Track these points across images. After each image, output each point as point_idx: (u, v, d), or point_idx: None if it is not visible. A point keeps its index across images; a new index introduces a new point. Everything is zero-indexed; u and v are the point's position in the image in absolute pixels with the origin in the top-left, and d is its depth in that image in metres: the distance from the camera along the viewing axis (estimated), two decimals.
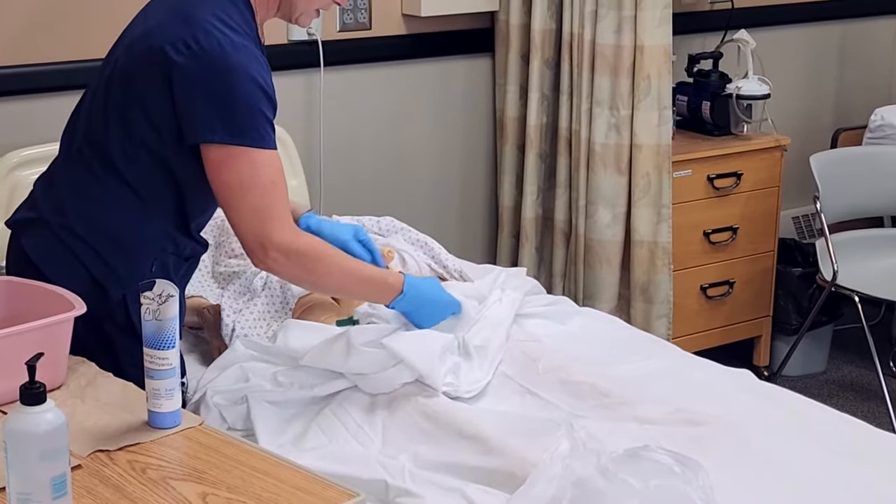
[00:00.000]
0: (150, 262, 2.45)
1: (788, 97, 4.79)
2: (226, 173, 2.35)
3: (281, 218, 2.38)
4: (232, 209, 2.37)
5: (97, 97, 2.46)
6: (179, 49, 2.32)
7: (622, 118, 3.87)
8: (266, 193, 2.35)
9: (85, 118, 2.47)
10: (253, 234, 2.37)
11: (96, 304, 2.36)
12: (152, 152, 2.40)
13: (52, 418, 1.72)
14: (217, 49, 2.31)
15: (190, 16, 2.36)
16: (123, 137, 2.40)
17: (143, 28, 2.44)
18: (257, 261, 2.40)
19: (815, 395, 4.20)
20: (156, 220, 2.45)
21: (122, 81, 2.41)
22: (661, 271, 3.94)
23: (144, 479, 1.88)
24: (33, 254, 2.45)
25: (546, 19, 4.01)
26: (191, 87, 2.32)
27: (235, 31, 2.36)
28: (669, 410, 2.47)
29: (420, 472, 2.27)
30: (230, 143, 2.33)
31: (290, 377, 2.54)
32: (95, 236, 2.42)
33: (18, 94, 3.34)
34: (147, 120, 2.38)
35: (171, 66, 2.32)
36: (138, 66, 2.38)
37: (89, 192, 2.43)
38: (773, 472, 2.29)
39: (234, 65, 2.31)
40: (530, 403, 2.56)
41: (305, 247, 2.41)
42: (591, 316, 3.04)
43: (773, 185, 4.35)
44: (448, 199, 4.20)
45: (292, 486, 1.87)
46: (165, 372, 2.02)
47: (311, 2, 2.51)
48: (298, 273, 2.44)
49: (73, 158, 2.47)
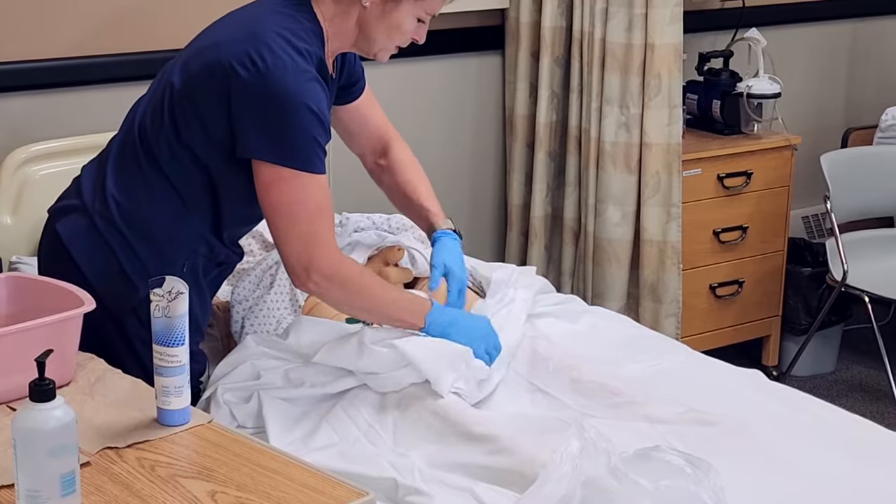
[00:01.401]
0: (181, 261, 2.49)
1: (799, 96, 4.78)
2: (275, 194, 2.39)
3: (326, 243, 2.44)
4: (279, 231, 2.43)
5: (156, 97, 2.50)
6: (244, 63, 2.36)
7: (632, 116, 3.86)
8: (313, 218, 2.41)
9: (140, 115, 2.52)
10: (297, 258, 2.42)
11: (122, 296, 2.43)
12: (196, 157, 2.45)
13: (61, 415, 1.72)
14: (279, 71, 2.35)
15: (258, 31, 2.39)
16: (172, 139, 2.45)
17: (213, 38, 2.48)
18: (299, 283, 2.46)
19: (825, 395, 4.18)
20: (193, 222, 2.49)
21: (184, 86, 2.44)
22: (671, 270, 3.93)
23: (153, 476, 1.88)
24: (67, 238, 2.49)
25: (556, 17, 4.00)
26: (249, 103, 2.36)
27: (300, 53, 2.39)
28: (680, 410, 2.46)
29: (430, 471, 2.26)
30: (281, 164, 2.37)
31: (301, 374, 2.54)
32: (132, 229, 2.46)
33: (26, 90, 3.34)
34: (200, 125, 2.42)
35: (233, 79, 2.36)
36: (201, 74, 2.42)
37: (133, 187, 2.48)
38: (784, 473, 2.28)
39: (293, 90, 2.35)
40: (540, 402, 2.56)
41: (347, 274, 2.47)
42: (600, 315, 3.04)
43: (783, 184, 4.34)
44: (457, 197, 4.19)
45: (301, 484, 1.86)
46: (175, 369, 2.01)
47: (391, 38, 2.54)
48: (338, 297, 2.50)
49: (124, 151, 2.52)
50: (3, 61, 3.29)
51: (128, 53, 3.43)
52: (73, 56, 3.38)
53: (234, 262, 2.65)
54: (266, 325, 2.79)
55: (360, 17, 2.50)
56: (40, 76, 3.35)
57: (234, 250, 2.63)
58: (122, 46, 3.43)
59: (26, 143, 3.26)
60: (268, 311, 2.81)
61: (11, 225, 3.20)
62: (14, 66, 3.31)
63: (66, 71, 3.37)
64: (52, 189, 2.75)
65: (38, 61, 3.34)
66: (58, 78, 3.37)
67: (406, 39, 2.56)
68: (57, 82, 3.37)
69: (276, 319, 2.81)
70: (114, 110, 3.43)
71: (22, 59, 3.32)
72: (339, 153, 3.80)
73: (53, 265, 2.54)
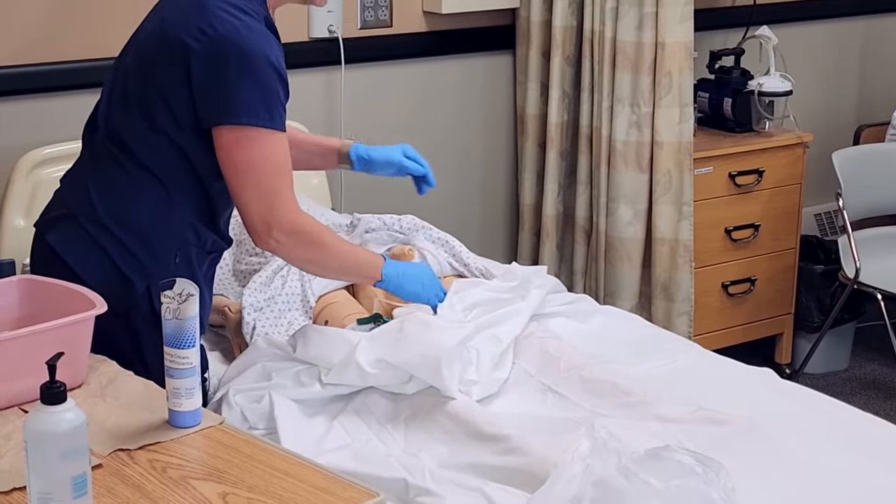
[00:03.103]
0: (173, 251, 2.46)
1: (810, 94, 4.77)
2: (237, 153, 2.37)
3: (287, 200, 2.42)
4: (240, 188, 2.40)
5: (116, 90, 2.48)
6: (195, 36, 2.34)
7: (643, 115, 3.86)
8: (276, 175, 2.39)
9: (104, 112, 2.50)
10: (258, 214, 2.40)
11: (122, 295, 2.40)
12: (171, 141, 2.42)
13: (72, 417, 1.72)
14: (233, 33, 2.34)
15: (202, 3, 2.38)
16: (144, 127, 2.42)
17: (159, 19, 2.46)
18: (260, 241, 2.44)
19: (838, 393, 4.18)
20: (179, 209, 2.47)
21: (141, 72, 2.43)
22: (683, 269, 3.93)
23: (165, 478, 1.88)
24: (59, 247, 2.47)
25: (567, 16, 3.99)
26: (207, 71, 2.34)
27: (247, 13, 2.38)
28: (691, 409, 2.46)
29: (441, 472, 2.27)
30: (245, 124, 2.35)
31: (312, 376, 2.54)
32: (121, 227, 2.44)
33: (39, 93, 3.35)
34: (167, 108, 2.40)
35: (188, 53, 2.35)
36: (156, 56, 2.40)
37: (114, 183, 2.46)
38: (795, 472, 2.28)
39: (248, 47, 2.34)
40: (551, 401, 2.56)
41: (307, 227, 2.46)
42: (611, 314, 3.03)
43: (794, 182, 4.33)
44: (469, 197, 4.20)
45: (312, 485, 1.86)
46: (186, 371, 2.02)
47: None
48: (300, 254, 2.49)
49: (97, 152, 2.49)
50: (17, 64, 3.30)
51: None
52: (83, 59, 3.38)
53: (222, 248, 2.61)
54: (277, 326, 2.80)
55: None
56: (54, 78, 3.36)
57: (222, 236, 2.59)
58: None
59: (39, 145, 3.26)
60: (279, 313, 2.82)
61: (24, 227, 3.21)
62: (27, 68, 3.32)
63: (77, 73, 3.38)
64: None
65: (50, 64, 3.35)
66: (69, 80, 3.37)
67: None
68: (68, 85, 3.37)
69: (288, 321, 2.81)
70: None
71: (35, 62, 3.33)
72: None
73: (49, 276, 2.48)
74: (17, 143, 3.28)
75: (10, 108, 3.32)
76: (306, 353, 2.58)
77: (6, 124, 3.31)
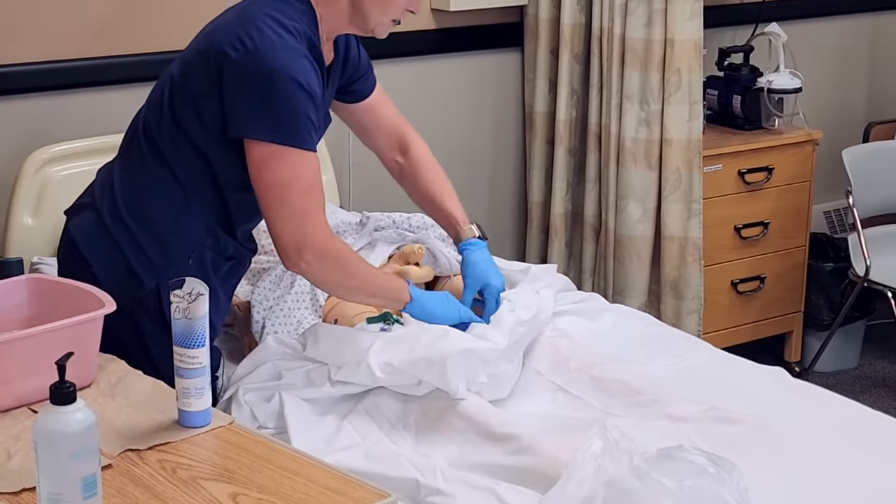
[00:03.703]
0: (187, 254, 2.49)
1: (820, 91, 4.75)
2: (267, 172, 2.38)
3: (318, 222, 2.43)
4: (271, 209, 2.41)
5: (157, 92, 2.53)
6: (234, 45, 2.37)
7: (652, 113, 3.85)
8: (305, 196, 2.40)
9: (144, 111, 2.55)
10: (290, 236, 2.41)
11: (130, 291, 2.43)
12: (195, 145, 2.45)
13: (82, 418, 1.71)
14: (269, 48, 2.35)
15: (248, 15, 2.41)
16: (172, 129, 2.46)
17: (208, 29, 2.51)
18: (290, 263, 2.44)
19: (847, 391, 4.17)
20: (197, 212, 2.49)
21: (182, 76, 2.47)
22: (692, 267, 3.92)
23: (175, 478, 1.88)
24: (76, 234, 2.52)
25: (575, 13, 3.98)
26: (239, 82, 2.36)
27: (289, 32, 2.39)
28: (703, 409, 2.45)
29: (452, 471, 2.26)
30: (273, 141, 2.37)
31: (322, 375, 2.53)
32: (137, 223, 2.47)
33: (47, 91, 3.34)
34: (196, 114, 2.43)
35: (224, 60, 2.37)
36: (195, 62, 2.44)
37: (137, 180, 2.50)
38: (808, 472, 2.27)
39: (282, 66, 2.35)
40: (562, 401, 2.55)
41: (337, 250, 2.47)
42: (621, 313, 3.02)
43: (804, 179, 4.31)
44: (477, 195, 4.19)
45: (323, 486, 1.86)
46: (195, 371, 2.01)
47: (385, 12, 2.53)
48: (329, 277, 2.49)
49: (130, 149, 2.54)
50: (24, 62, 3.29)
51: (147, 53, 3.43)
52: (92, 56, 3.38)
53: (245, 257, 2.64)
54: (287, 325, 2.79)
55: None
56: (61, 76, 3.35)
57: (244, 245, 2.61)
58: (142, 47, 3.43)
59: (47, 143, 3.26)
60: (288, 311, 2.81)
61: (33, 226, 3.20)
62: (35, 66, 3.31)
63: (87, 71, 3.37)
64: (72, 190, 2.76)
65: (59, 62, 3.34)
66: (78, 78, 3.37)
67: (401, 11, 2.55)
68: (77, 82, 3.37)
69: (297, 319, 2.80)
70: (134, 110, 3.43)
71: (42, 59, 3.32)
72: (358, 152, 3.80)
73: (67, 263, 2.57)
74: (25, 140, 3.27)
75: (18, 106, 3.31)
76: (316, 352, 2.57)
77: (14, 122, 3.31)
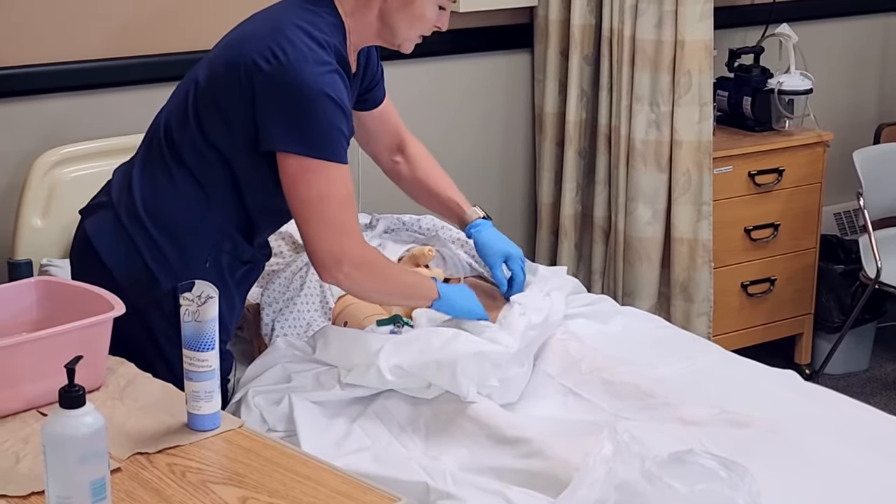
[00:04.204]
0: (204, 256, 2.50)
1: (831, 92, 4.74)
2: (303, 188, 2.41)
3: (354, 233, 2.47)
4: (308, 224, 2.44)
5: (181, 96, 2.54)
6: (266, 57, 2.38)
7: (662, 114, 3.84)
8: (341, 209, 2.43)
9: (166, 114, 2.56)
10: (327, 249, 2.44)
11: (145, 291, 2.45)
12: (219, 151, 2.47)
13: (91, 422, 1.71)
14: (301, 62, 2.37)
15: (278, 25, 2.43)
16: (196, 132, 2.47)
17: (236, 36, 2.52)
18: (328, 275, 2.47)
19: (858, 393, 4.15)
20: (216, 216, 2.51)
21: (208, 84, 2.48)
22: (702, 269, 3.91)
23: (184, 482, 1.87)
24: (93, 234, 2.53)
25: (585, 14, 3.97)
26: (273, 95, 2.38)
27: (320, 45, 2.42)
28: (714, 412, 2.44)
29: (462, 475, 2.25)
30: (307, 154, 2.39)
31: (332, 377, 2.53)
32: (155, 224, 2.49)
33: (55, 92, 3.34)
34: (223, 122, 2.45)
35: (256, 73, 2.39)
36: (225, 71, 2.45)
37: (157, 181, 2.51)
38: (819, 475, 2.26)
39: (315, 80, 2.37)
40: (573, 404, 2.54)
41: (374, 258, 2.53)
42: (632, 315, 3.01)
43: (815, 181, 4.30)
44: (486, 196, 4.18)
45: (332, 490, 1.85)
46: (205, 374, 2.00)
47: (413, 27, 2.55)
48: (367, 285, 2.53)
49: (150, 150, 2.55)
50: (32, 64, 3.29)
51: (156, 55, 3.43)
52: (100, 58, 3.37)
53: (260, 262, 2.66)
54: (296, 327, 2.78)
55: (382, 9, 2.52)
56: (69, 78, 3.35)
57: (260, 250, 2.64)
58: (151, 48, 3.43)
59: (56, 145, 3.26)
60: (298, 314, 2.80)
61: (42, 227, 3.20)
62: (43, 68, 3.30)
63: (95, 73, 3.37)
64: (82, 191, 2.76)
65: (66, 63, 3.34)
66: (86, 80, 3.36)
67: (429, 28, 2.57)
68: (85, 84, 3.37)
69: (307, 321, 2.80)
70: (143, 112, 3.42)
71: (49, 61, 3.31)
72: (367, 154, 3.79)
73: (82, 262, 2.58)
74: (35, 142, 3.27)
75: (27, 108, 3.31)
76: (326, 355, 2.57)
77: (23, 124, 3.31)
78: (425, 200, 2.91)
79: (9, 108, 3.28)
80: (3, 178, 3.29)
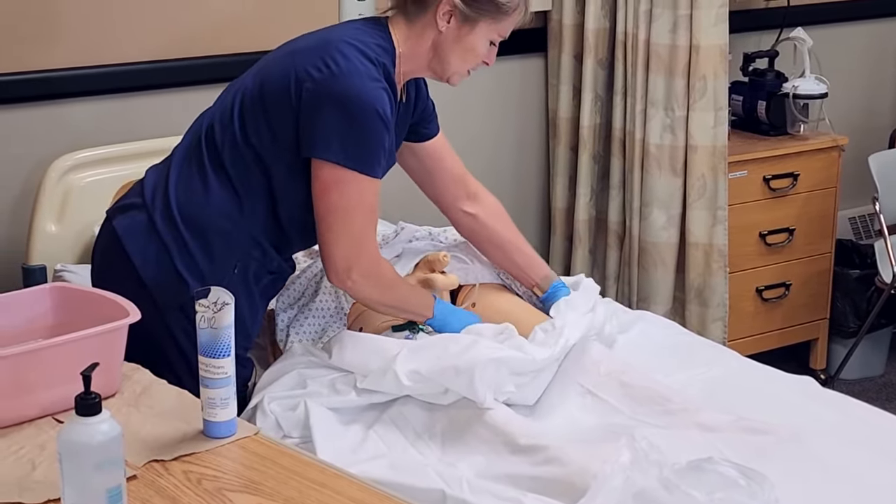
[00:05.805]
0: (233, 262, 2.52)
1: (846, 96, 4.72)
2: (335, 196, 2.44)
3: (371, 244, 2.53)
4: (331, 230, 2.47)
5: (225, 101, 2.55)
6: (318, 66, 2.42)
7: (677, 119, 3.83)
8: (366, 221, 2.48)
9: (209, 119, 2.56)
10: (343, 256, 2.48)
11: (171, 293, 2.46)
12: (259, 158, 2.49)
13: (107, 429, 1.70)
14: (352, 74, 2.41)
15: (331, 39, 2.48)
16: (239, 139, 2.49)
17: (289, 49, 2.55)
18: (337, 280, 2.52)
19: (874, 398, 4.14)
20: (248, 224, 2.52)
21: (257, 90, 2.50)
22: (717, 274, 3.89)
23: (200, 490, 1.86)
24: (122, 233, 2.53)
25: (600, 19, 3.97)
26: (320, 102, 2.41)
27: (371, 62, 2.44)
28: (732, 419, 2.42)
29: (478, 482, 2.24)
30: (345, 165, 2.42)
31: (348, 384, 2.52)
32: (188, 227, 2.49)
33: (69, 98, 3.34)
34: (268, 128, 2.47)
35: (306, 81, 2.42)
36: (276, 80, 2.48)
37: (193, 184, 2.52)
38: (839, 483, 2.24)
39: (364, 93, 2.40)
40: (591, 405, 2.53)
41: (384, 271, 2.57)
42: (649, 321, 3.00)
43: (830, 185, 4.29)
44: (501, 201, 4.15)
45: (349, 497, 1.85)
46: (221, 381, 2.00)
47: (465, 61, 2.58)
48: (370, 294, 2.58)
49: (189, 153, 2.56)
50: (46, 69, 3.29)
51: (169, 60, 3.43)
52: (114, 63, 3.37)
53: (286, 273, 2.68)
54: (311, 333, 2.78)
55: (435, 41, 2.54)
56: (84, 84, 3.35)
57: (286, 262, 2.66)
58: (164, 53, 3.43)
59: (71, 150, 3.26)
60: (313, 319, 2.80)
61: (56, 233, 3.20)
62: (57, 73, 3.30)
63: (109, 78, 3.36)
64: (96, 197, 2.76)
65: (80, 69, 3.33)
66: (101, 85, 3.36)
67: (478, 62, 2.60)
68: (100, 90, 3.36)
69: (322, 327, 2.79)
70: (157, 117, 3.43)
71: (64, 66, 3.31)
72: None
73: (105, 261, 2.58)
74: (49, 147, 3.27)
75: (41, 113, 3.31)
76: (342, 360, 2.56)
77: (38, 129, 3.31)
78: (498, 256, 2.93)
79: (23, 114, 3.28)
80: (18, 183, 3.29)
